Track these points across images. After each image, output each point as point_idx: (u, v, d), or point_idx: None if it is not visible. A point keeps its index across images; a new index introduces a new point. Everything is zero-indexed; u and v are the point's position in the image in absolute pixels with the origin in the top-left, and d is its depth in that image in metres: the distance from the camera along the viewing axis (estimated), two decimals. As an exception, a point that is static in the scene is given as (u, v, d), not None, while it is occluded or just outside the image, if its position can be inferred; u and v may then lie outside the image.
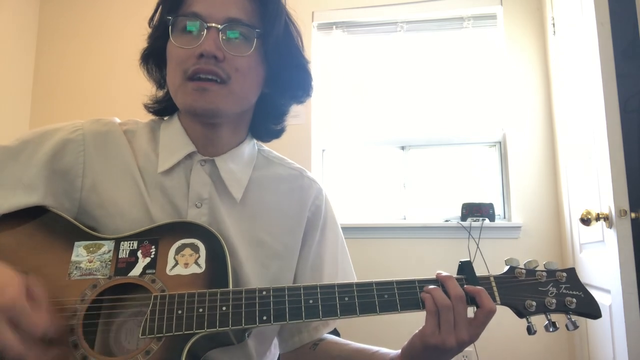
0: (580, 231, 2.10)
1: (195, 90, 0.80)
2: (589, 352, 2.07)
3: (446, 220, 2.58)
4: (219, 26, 0.80)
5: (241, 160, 0.91)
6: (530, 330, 0.77)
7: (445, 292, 0.75)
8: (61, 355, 0.70)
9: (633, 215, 1.64)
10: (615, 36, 1.72)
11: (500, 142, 2.68)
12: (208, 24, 0.80)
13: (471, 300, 0.76)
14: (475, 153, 2.73)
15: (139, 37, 0.92)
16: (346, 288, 0.76)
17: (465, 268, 0.80)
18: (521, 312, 0.77)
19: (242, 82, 0.83)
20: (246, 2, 0.83)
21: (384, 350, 0.85)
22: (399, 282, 0.77)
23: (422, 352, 0.76)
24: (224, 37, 0.80)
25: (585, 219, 1.82)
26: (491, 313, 0.74)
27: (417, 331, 0.77)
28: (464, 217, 2.51)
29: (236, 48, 0.81)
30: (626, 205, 1.63)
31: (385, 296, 0.76)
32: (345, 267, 0.98)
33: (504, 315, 0.80)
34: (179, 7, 0.83)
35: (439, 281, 0.78)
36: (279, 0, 0.87)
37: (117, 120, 0.92)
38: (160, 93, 0.94)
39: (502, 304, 0.77)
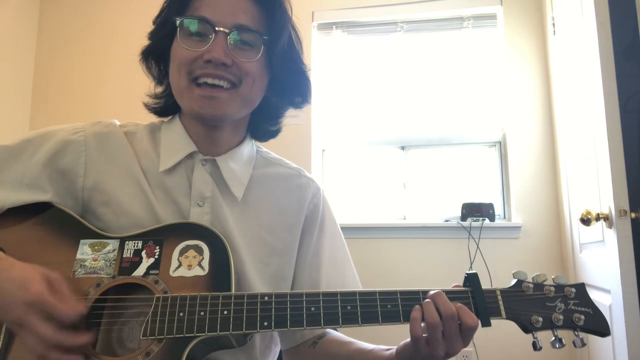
0: (580, 231, 2.10)
1: (202, 97, 0.81)
2: (589, 352, 2.08)
3: (446, 220, 2.58)
4: (227, 31, 0.80)
5: (241, 159, 0.92)
6: (535, 346, 0.76)
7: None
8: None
9: (633, 215, 1.64)
10: (615, 36, 1.72)
11: (500, 142, 2.68)
12: (217, 28, 0.80)
13: None
14: (475, 153, 2.73)
15: (140, 37, 0.92)
16: (349, 297, 0.75)
17: (471, 280, 0.78)
18: (527, 328, 0.76)
19: (251, 85, 0.84)
20: (254, 9, 0.84)
21: (380, 347, 0.85)
22: (402, 293, 0.76)
23: (414, 357, 0.76)
24: (231, 43, 0.81)
25: (585, 219, 1.82)
26: (473, 329, 0.73)
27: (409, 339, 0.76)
28: (464, 217, 2.51)
29: (244, 53, 0.82)
30: (626, 205, 1.63)
31: (389, 306, 0.75)
32: (346, 267, 0.98)
33: (504, 315, 0.80)
34: (187, 10, 0.83)
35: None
36: (285, 10, 0.88)
37: (117, 122, 0.93)
38: (159, 89, 0.95)
39: (508, 318, 0.76)
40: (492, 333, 2.38)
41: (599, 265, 1.88)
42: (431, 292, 0.75)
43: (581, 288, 0.79)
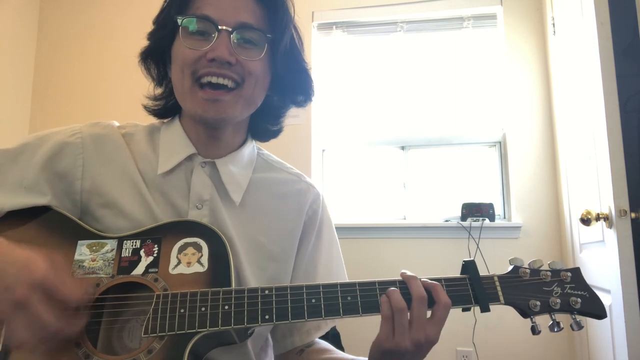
0: (580, 231, 2.11)
1: (206, 101, 0.80)
2: (589, 352, 2.08)
3: (446, 220, 2.58)
4: (230, 30, 0.80)
5: (241, 162, 0.91)
6: (534, 330, 0.77)
7: (407, 292, 0.74)
8: (64, 354, 0.70)
9: (633, 215, 1.64)
10: (615, 36, 1.72)
11: (500, 142, 2.69)
12: (220, 27, 0.80)
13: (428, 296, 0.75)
14: (475, 153, 2.73)
15: (140, 37, 0.92)
16: (349, 287, 0.76)
17: (469, 267, 0.79)
18: (525, 312, 0.77)
19: (254, 85, 0.83)
20: (256, 8, 0.83)
21: (360, 358, 0.84)
22: (402, 282, 0.76)
23: (380, 357, 0.75)
24: (234, 41, 0.80)
25: (585, 219, 1.82)
26: (447, 307, 0.74)
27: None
28: (464, 217, 2.51)
29: (247, 52, 0.82)
30: (626, 205, 1.63)
31: None
32: (339, 275, 0.98)
33: (504, 314, 0.80)
34: (188, 9, 0.83)
35: (437, 281, 0.77)
36: (287, 8, 0.87)
37: (116, 123, 0.92)
38: (159, 90, 0.94)
39: (506, 303, 0.77)
40: (492, 333, 2.38)
41: (599, 265, 1.88)
42: (407, 274, 0.76)
43: (577, 272, 0.80)
